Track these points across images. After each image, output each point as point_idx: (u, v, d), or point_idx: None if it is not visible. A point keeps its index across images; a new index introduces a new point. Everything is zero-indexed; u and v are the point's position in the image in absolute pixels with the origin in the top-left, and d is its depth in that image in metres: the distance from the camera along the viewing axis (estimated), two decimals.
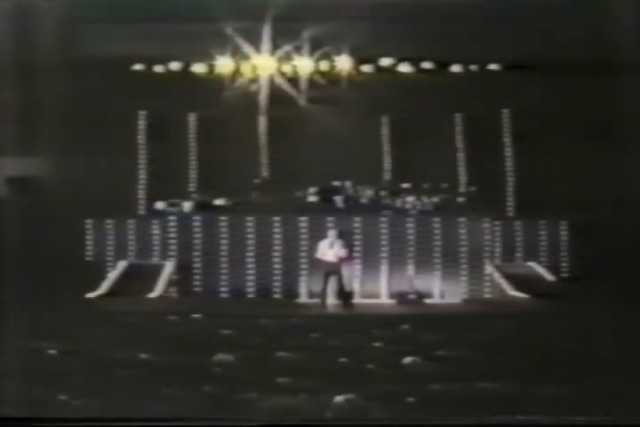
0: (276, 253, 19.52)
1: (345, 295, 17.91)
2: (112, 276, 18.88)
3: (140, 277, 18.61)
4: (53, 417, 6.81)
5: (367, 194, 20.94)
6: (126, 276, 18.84)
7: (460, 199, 20.88)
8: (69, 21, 19.46)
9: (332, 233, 18.30)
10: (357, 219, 19.68)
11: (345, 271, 18.05)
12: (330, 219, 19.50)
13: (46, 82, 19.12)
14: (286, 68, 22.20)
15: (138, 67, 22.32)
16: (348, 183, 21.22)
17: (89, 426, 6.54)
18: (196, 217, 19.85)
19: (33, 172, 20.38)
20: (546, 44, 20.58)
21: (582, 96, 20.82)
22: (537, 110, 21.49)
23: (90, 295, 17.32)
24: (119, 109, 21.27)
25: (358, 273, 19.28)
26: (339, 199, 20.55)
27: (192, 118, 22.56)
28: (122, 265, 19.38)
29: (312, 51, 21.96)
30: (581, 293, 17.62)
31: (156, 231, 19.87)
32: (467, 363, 9.30)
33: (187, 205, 20.40)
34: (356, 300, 18.61)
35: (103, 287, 18.06)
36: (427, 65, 22.62)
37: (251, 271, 19.45)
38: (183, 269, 19.39)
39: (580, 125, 21.10)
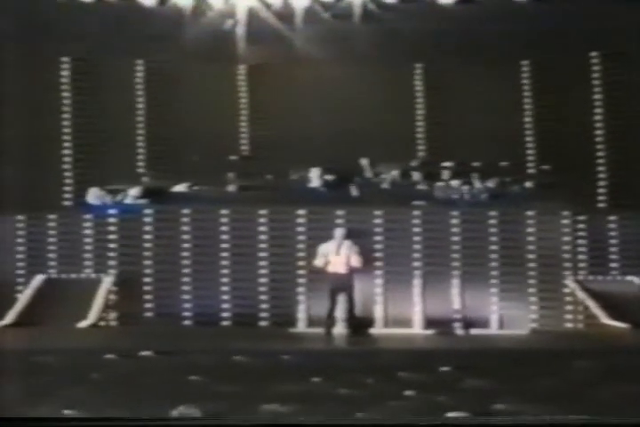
0: (263, 262, 19.53)
1: (355, 321, 17.99)
2: (24, 297, 18.95)
3: (64, 298, 18.66)
4: (53, 417, 8.24)
5: (392, 177, 20.97)
6: (44, 297, 18.89)
7: (528, 184, 20.89)
8: None
9: (338, 233, 18.43)
10: (378, 212, 19.70)
11: (358, 287, 18.17)
12: (339, 212, 19.53)
13: None
14: None
15: None
16: (364, 161, 21.24)
17: (89, 426, 7.69)
18: (147, 210, 19.86)
19: None
20: None
21: None
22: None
23: None
24: (32, 55, 21.22)
25: (380, 290, 19.30)
26: (352, 185, 20.59)
27: (139, 68, 22.57)
28: (38, 281, 19.43)
29: None
30: None
31: (88, 231, 19.89)
32: (536, 420, 9.25)
33: (133, 193, 20.44)
34: (379, 329, 18.66)
35: (10, 315, 18.13)
36: None
37: (226, 288, 19.46)
38: (128, 287, 19.42)
39: None
